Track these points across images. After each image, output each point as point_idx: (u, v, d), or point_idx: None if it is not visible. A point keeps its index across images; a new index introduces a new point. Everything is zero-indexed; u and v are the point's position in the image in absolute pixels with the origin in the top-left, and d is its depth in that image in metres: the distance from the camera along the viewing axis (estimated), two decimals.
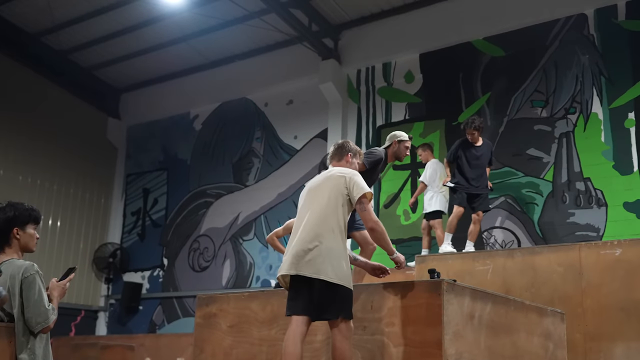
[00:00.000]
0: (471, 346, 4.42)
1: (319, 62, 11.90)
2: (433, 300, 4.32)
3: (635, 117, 9.15)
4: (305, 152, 12.21)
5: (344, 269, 4.27)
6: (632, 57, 9.32)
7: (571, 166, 9.52)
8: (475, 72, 10.63)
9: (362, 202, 4.42)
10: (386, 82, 11.58)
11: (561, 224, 9.38)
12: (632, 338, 5.86)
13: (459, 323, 4.37)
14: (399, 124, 11.25)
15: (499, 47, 10.48)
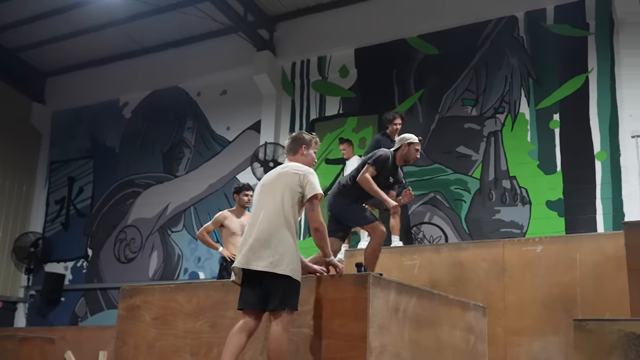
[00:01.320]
0: (395, 339, 4.46)
1: (253, 53, 11.77)
2: (359, 294, 4.34)
3: (559, 119, 9.43)
4: (237, 143, 12.07)
5: (295, 262, 4.36)
6: (559, 60, 9.60)
7: (498, 164, 9.74)
8: (409, 69, 10.74)
9: (312, 201, 4.51)
10: (321, 76, 11.56)
11: (487, 220, 9.59)
12: (550, 332, 6.05)
13: (384, 316, 4.40)
14: (332, 118, 11.28)
15: (432, 45, 10.62)
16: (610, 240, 6.20)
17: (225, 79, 12.39)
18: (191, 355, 4.96)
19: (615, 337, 4.66)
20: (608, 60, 9.21)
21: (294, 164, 4.70)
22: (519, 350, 6.15)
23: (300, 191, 4.50)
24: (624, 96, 8.93)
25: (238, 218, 7.93)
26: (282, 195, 4.48)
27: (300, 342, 4.47)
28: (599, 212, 8.86)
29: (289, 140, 4.88)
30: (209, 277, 11.31)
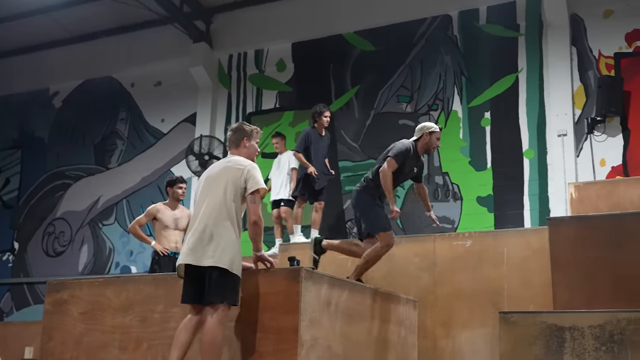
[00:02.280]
0: (327, 332, 4.49)
1: (189, 44, 11.63)
2: (291, 288, 4.35)
3: (490, 117, 9.68)
4: (172, 136, 11.90)
5: (236, 257, 4.36)
6: (491, 59, 9.85)
7: (431, 161, 9.92)
8: (346, 65, 10.82)
9: (254, 195, 4.51)
10: (258, 69, 11.52)
11: (420, 215, 9.72)
12: (477, 324, 6.21)
13: (316, 310, 4.43)
14: (269, 112, 11.26)
15: (369, 41, 10.72)
16: (535, 236, 6.39)
17: (160, 70, 12.18)
18: (119, 351, 4.87)
19: (537, 329, 4.83)
20: (537, 61, 9.50)
21: (237, 157, 4.69)
22: (447, 342, 6.29)
23: (243, 185, 4.50)
24: (551, 96, 9.24)
25: (171, 211, 7.81)
26: (224, 189, 4.48)
27: (232, 335, 4.45)
28: (526, 208, 9.15)
29: (230, 133, 4.87)
30: (141, 271, 11.12)
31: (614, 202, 6.87)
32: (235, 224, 4.46)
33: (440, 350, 6.31)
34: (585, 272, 5.54)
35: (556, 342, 4.74)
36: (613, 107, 8.70)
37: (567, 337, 4.72)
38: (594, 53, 9.18)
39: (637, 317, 4.60)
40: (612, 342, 4.59)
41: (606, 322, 4.64)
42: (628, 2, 9.05)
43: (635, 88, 8.82)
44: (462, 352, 6.23)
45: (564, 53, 9.25)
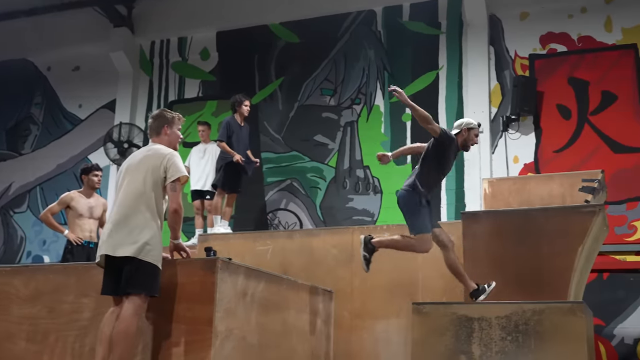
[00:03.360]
0: (242, 323, 4.49)
1: (110, 29, 11.30)
2: (207, 278, 4.33)
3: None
4: (90, 122, 11.55)
5: (155, 247, 4.31)
6: (413, 56, 10.02)
7: (353, 154, 10.03)
8: (271, 56, 10.78)
9: (175, 183, 4.46)
10: (181, 57, 11.33)
11: (341, 208, 9.87)
12: (392, 315, 6.34)
13: (232, 300, 4.42)
14: (192, 100, 11.10)
15: (294, 33, 10.71)
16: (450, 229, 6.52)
17: (79, 54, 11.80)
18: (27, 342, 4.72)
19: (448, 320, 4.99)
20: (457, 59, 9.74)
21: (158, 146, 4.64)
22: (362, 332, 6.39)
23: (163, 175, 4.46)
24: (470, 94, 9.49)
25: (86, 199, 7.60)
26: (144, 178, 4.43)
27: (145, 326, 4.39)
28: (443, 202, 9.37)
29: (150, 120, 4.81)
30: (54, 261, 10.76)
31: (525, 198, 7.12)
32: (155, 214, 4.40)
33: (355, 341, 6.41)
34: (495, 265, 5.74)
35: (465, 332, 4.91)
36: (527, 107, 9.02)
37: (475, 327, 4.89)
38: (511, 53, 9.49)
39: (541, 308, 4.81)
40: (517, 332, 4.79)
41: (512, 313, 4.84)
42: (543, 5, 9.39)
43: (547, 88, 9.16)
44: (377, 342, 6.34)
45: (482, 52, 9.51)
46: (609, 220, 8.15)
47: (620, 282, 8.22)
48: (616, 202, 8.41)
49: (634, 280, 8.18)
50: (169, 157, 4.50)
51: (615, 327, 8.11)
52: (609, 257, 8.29)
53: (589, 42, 9.13)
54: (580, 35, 9.18)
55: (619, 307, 8.15)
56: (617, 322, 8.11)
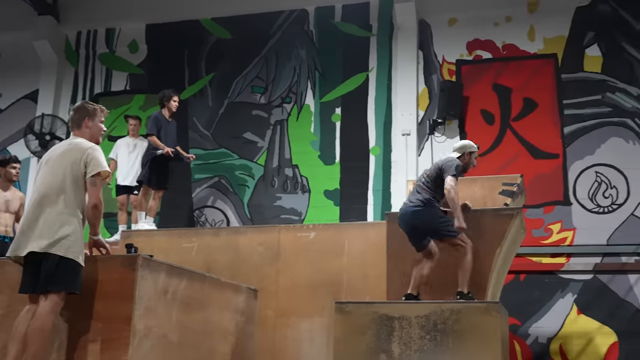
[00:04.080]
0: (162, 321, 4.43)
1: (34, 16, 10.91)
2: (127, 275, 4.26)
3: (341, 113, 9.94)
4: (10, 113, 11.11)
5: (75, 243, 4.21)
6: (344, 56, 10.10)
7: (282, 153, 10.03)
8: (201, 51, 10.66)
9: (95, 178, 4.37)
10: (108, 48, 11.06)
11: (269, 206, 9.86)
12: (316, 314, 6.38)
13: (152, 298, 4.35)
14: (118, 94, 10.86)
15: (226, 29, 10.62)
16: (375, 229, 6.66)
17: None
18: None
19: (370, 319, 5.06)
20: (387, 62, 9.88)
21: (79, 140, 4.54)
22: (286, 330, 6.41)
23: (83, 170, 4.36)
24: (398, 97, 9.65)
25: (2, 192, 7.32)
26: (64, 172, 4.33)
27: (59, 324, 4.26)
28: (370, 202, 9.50)
29: (72, 112, 4.71)
30: None
31: None
32: (75, 209, 4.30)
33: (279, 339, 6.42)
34: None
35: (386, 331, 5.00)
36: (452, 111, 9.24)
37: (396, 326, 4.99)
38: (439, 58, 9.69)
39: (459, 307, 4.95)
40: (435, 331, 4.91)
41: (431, 313, 4.96)
42: (470, 12, 9.64)
43: (473, 94, 9.41)
44: (300, 340, 6.38)
45: (411, 56, 9.68)
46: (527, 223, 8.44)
47: (536, 283, 8.53)
48: (534, 205, 8.72)
49: (548, 281, 8.51)
50: (90, 152, 4.41)
51: (530, 327, 8.41)
52: (526, 259, 8.58)
53: (513, 50, 9.43)
54: (504, 43, 9.48)
55: (534, 307, 8.46)
56: (532, 322, 8.42)
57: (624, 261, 8.35)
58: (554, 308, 8.41)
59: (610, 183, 8.70)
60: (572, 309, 8.35)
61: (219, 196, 10.08)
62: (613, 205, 8.61)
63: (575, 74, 9.11)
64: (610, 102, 8.89)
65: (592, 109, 8.83)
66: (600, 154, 8.81)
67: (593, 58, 9.09)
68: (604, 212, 8.62)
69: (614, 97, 8.91)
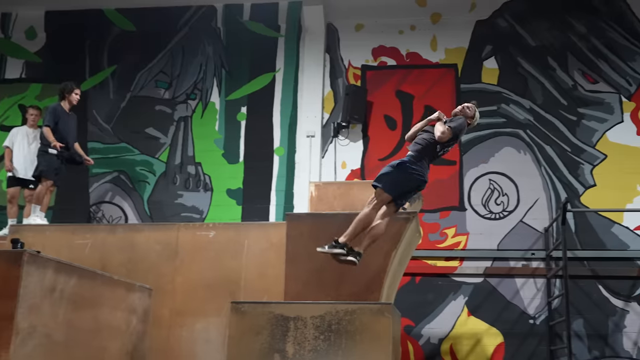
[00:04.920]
0: (48, 319, 4.26)
1: None
2: (11, 272, 4.06)
3: (246, 112, 9.90)
4: None
5: None
6: (251, 56, 10.07)
7: (185, 150, 9.88)
8: (104, 42, 10.34)
9: None
10: (4, 33, 10.53)
11: (169, 204, 9.68)
12: (213, 314, 6.32)
13: (38, 296, 4.18)
14: (13, 81, 10.38)
15: (130, 21, 10.35)
16: (275, 230, 6.66)
17: None
18: None
19: (265, 319, 5.06)
20: (294, 63, 9.92)
21: None
22: (182, 330, 6.31)
23: None
24: (304, 98, 9.72)
25: None
26: None
27: None
28: (272, 203, 9.51)
29: None
30: None
31: (349, 202, 7.41)
32: None
33: (174, 339, 6.32)
34: (315, 266, 5.91)
35: (281, 331, 5.01)
36: (356, 115, 9.40)
37: (291, 327, 5.01)
38: (345, 62, 9.83)
39: (353, 308, 5.03)
40: (330, 331, 4.97)
41: (326, 313, 5.01)
42: (376, 19, 9.83)
43: (376, 99, 9.61)
44: (196, 340, 6.29)
45: (318, 59, 9.77)
46: (424, 228, 8.73)
47: (430, 286, 8.81)
48: (431, 210, 9.00)
49: (442, 284, 8.80)
50: None
51: (423, 327, 8.68)
52: (421, 262, 8.85)
53: (416, 58, 9.70)
54: (408, 51, 9.73)
55: (428, 309, 8.73)
56: (425, 323, 8.69)
57: (512, 265, 8.75)
58: (446, 310, 8.71)
59: (502, 191, 9.09)
60: (463, 311, 8.67)
61: (118, 192, 9.81)
62: (504, 212, 9.01)
63: (474, 84, 9.48)
64: (505, 113, 9.29)
65: (488, 119, 9.19)
66: (494, 163, 9.20)
67: (490, 70, 9.48)
68: (495, 219, 9.00)
69: (508, 109, 9.32)
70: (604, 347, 8.36)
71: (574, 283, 8.39)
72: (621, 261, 8.58)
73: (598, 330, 8.41)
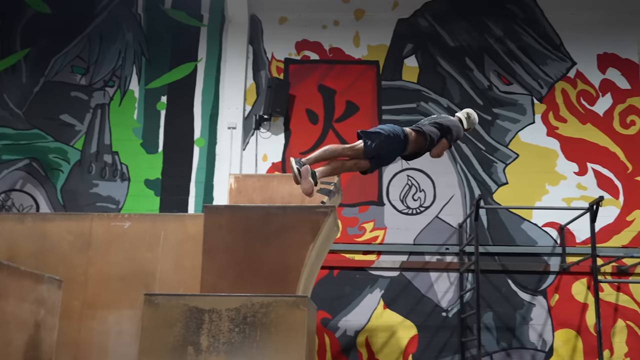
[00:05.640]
0: None
1: None
2: None
3: (167, 101, 9.72)
4: None
5: None
6: (172, 44, 9.88)
7: (102, 138, 9.61)
8: (16, 24, 9.90)
9: None
10: None
11: (84, 193, 9.40)
12: (127, 306, 6.19)
13: None
14: None
15: (45, 3, 9.97)
16: (193, 222, 6.59)
17: None
18: None
19: (179, 311, 5.01)
20: (216, 53, 9.81)
21: None
22: (93, 322, 6.16)
23: None
24: (226, 90, 9.63)
25: None
26: None
27: None
28: (192, 194, 9.39)
29: None
30: None
31: (268, 195, 7.40)
32: None
33: (85, 332, 6.16)
34: (232, 259, 5.88)
35: (195, 324, 4.97)
36: (279, 108, 9.39)
37: (205, 319, 4.98)
38: (268, 55, 9.80)
39: (268, 301, 5.04)
40: (245, 324, 4.97)
41: (242, 306, 5.00)
42: (300, 13, 9.85)
43: (299, 93, 9.63)
44: (108, 333, 6.16)
45: (241, 50, 9.70)
46: (343, 222, 8.84)
47: (348, 279, 8.93)
48: (350, 204, 9.12)
49: (359, 277, 8.93)
50: None
51: (340, 320, 8.78)
52: (340, 255, 8.96)
53: (339, 53, 9.78)
54: (331, 46, 9.79)
55: (345, 302, 8.85)
56: (342, 316, 8.80)
57: (427, 260, 8.98)
58: (363, 303, 8.85)
59: (419, 187, 9.30)
60: (379, 304, 8.84)
61: (29, 180, 9.44)
62: (421, 207, 9.22)
63: (394, 81, 9.64)
64: (424, 111, 9.49)
65: (407, 116, 9.37)
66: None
67: (411, 68, 9.67)
68: (412, 214, 9.20)
69: (427, 107, 9.53)
70: (512, 339, 8.71)
71: (485, 277, 8.71)
72: (529, 257, 8.95)
73: (506, 322, 8.75)
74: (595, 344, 8.04)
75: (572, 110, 9.43)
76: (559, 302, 8.78)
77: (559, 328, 8.71)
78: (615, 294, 8.78)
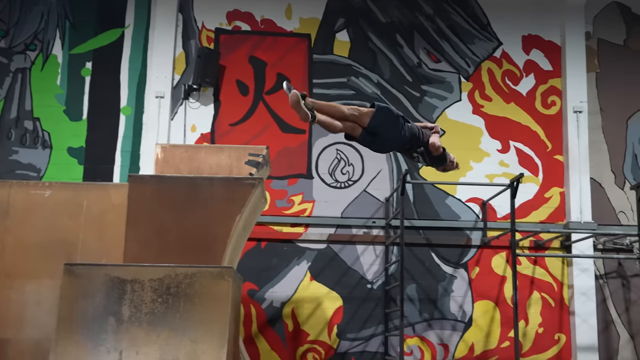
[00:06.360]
0: None
1: None
2: None
3: (92, 68, 9.44)
4: None
5: None
6: (98, 9, 9.58)
7: (22, 104, 9.27)
8: None
9: None
10: None
11: (3, 160, 9.08)
12: (47, 276, 6.02)
13: None
14: None
15: None
16: (117, 191, 6.44)
17: None
18: None
19: (101, 281, 4.94)
20: (144, 20, 9.56)
21: None
22: (10, 292, 5.97)
23: None
24: (154, 58, 9.41)
25: None
26: None
27: None
28: (117, 163, 9.20)
29: None
30: None
31: (195, 166, 7.31)
32: None
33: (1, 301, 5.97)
34: (157, 229, 5.81)
35: (117, 294, 4.91)
36: (208, 78, 9.25)
37: (127, 289, 4.92)
38: (198, 24, 9.62)
39: (192, 272, 5.02)
40: (168, 294, 4.93)
41: (165, 276, 4.97)
42: None
43: (229, 63, 9.51)
44: (26, 303, 5.98)
45: (170, 18, 9.48)
46: (271, 194, 8.85)
47: (275, 251, 8.97)
48: (279, 177, 9.13)
49: (287, 249, 8.99)
50: None
51: (266, 292, 8.84)
52: (268, 227, 8.98)
53: (271, 25, 9.69)
54: (263, 18, 9.69)
55: (272, 274, 8.90)
56: (269, 287, 8.86)
57: (354, 233, 9.11)
58: (290, 274, 8.93)
59: (348, 161, 9.39)
60: (306, 276, 8.93)
61: None
62: (349, 181, 9.32)
63: (326, 55, 9.65)
64: (354, 85, 9.56)
65: (338, 91, 9.42)
66: (341, 133, 9.44)
67: (342, 43, 9.69)
68: (340, 187, 9.29)
69: (357, 82, 9.59)
70: (434, 310, 8.98)
71: (410, 250, 8.91)
72: (453, 231, 9.21)
73: (429, 294, 9.00)
74: (511, 315, 8.37)
75: (497, 89, 9.69)
76: (479, 275, 9.09)
77: (479, 299, 9.03)
78: (532, 267, 9.16)
